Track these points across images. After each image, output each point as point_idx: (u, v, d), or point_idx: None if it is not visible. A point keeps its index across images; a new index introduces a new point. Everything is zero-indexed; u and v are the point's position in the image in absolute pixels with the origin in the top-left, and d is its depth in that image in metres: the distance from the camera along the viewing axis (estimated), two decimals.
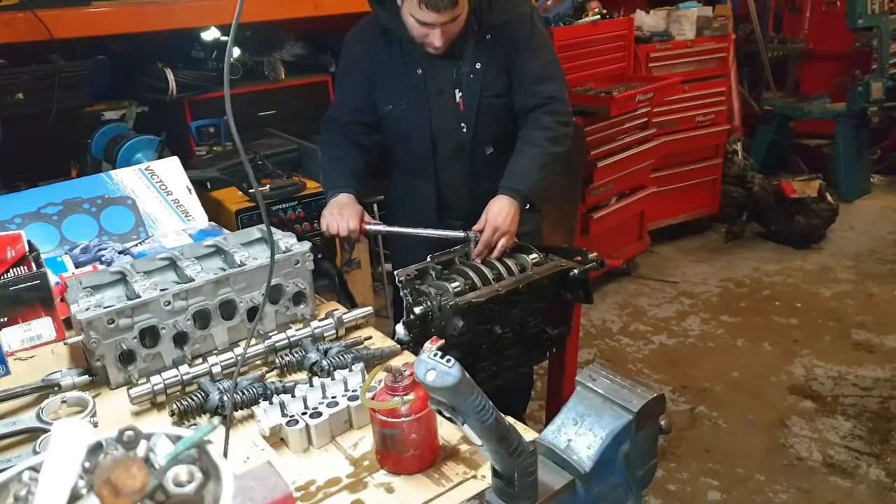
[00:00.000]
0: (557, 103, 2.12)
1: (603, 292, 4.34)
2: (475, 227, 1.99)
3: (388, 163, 2.37)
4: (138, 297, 1.50)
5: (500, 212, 1.97)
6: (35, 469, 0.66)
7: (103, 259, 1.96)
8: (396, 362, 1.56)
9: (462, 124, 2.14)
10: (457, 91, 2.11)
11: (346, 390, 1.38)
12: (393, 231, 2.20)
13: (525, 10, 2.17)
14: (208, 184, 2.75)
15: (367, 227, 2.08)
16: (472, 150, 2.18)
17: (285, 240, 1.74)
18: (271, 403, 1.33)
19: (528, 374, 2.50)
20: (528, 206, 2.05)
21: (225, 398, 1.35)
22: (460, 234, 2.01)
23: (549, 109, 2.11)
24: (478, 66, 2.08)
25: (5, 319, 1.64)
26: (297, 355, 1.55)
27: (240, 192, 2.66)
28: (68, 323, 1.66)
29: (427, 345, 1.27)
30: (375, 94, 2.17)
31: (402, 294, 1.85)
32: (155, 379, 1.41)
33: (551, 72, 2.16)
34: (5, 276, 1.62)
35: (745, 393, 3.33)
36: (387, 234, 2.15)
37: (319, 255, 2.10)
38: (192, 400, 1.37)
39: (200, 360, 1.49)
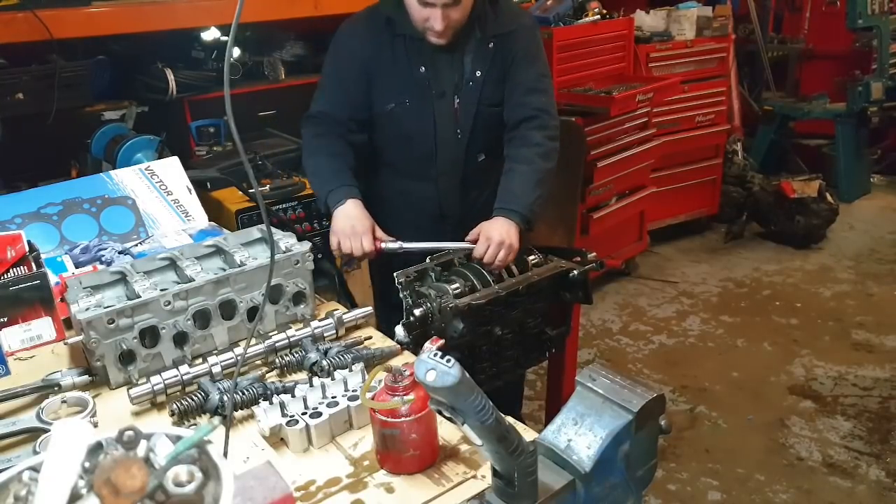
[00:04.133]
0: (546, 117, 2.10)
1: (603, 292, 4.34)
2: (468, 238, 1.97)
3: (377, 164, 2.27)
4: (138, 297, 1.50)
5: (493, 224, 1.95)
6: (35, 469, 0.66)
7: (103, 259, 1.95)
8: (396, 362, 1.56)
9: (458, 131, 2.11)
10: (455, 97, 2.09)
11: (346, 390, 1.38)
12: (407, 248, 2.01)
13: (528, 21, 2.18)
14: (208, 184, 2.74)
15: (383, 245, 1.98)
16: (466, 157, 2.15)
17: (285, 240, 1.74)
18: (271, 403, 1.33)
19: (520, 374, 2.48)
20: (527, 226, 2.01)
21: (225, 398, 1.35)
22: (468, 245, 1.98)
23: (538, 124, 2.08)
24: (478, 73, 2.06)
25: (5, 319, 1.63)
26: (297, 355, 1.55)
27: (240, 192, 2.65)
28: (68, 323, 1.66)
29: (427, 345, 1.27)
30: (374, 92, 2.09)
31: (402, 296, 1.84)
32: (155, 379, 1.41)
33: (544, 84, 2.15)
34: (5, 276, 1.62)
35: (745, 393, 3.33)
36: (401, 252, 2.00)
37: (319, 255, 2.10)
38: (192, 400, 1.37)
39: (200, 360, 1.49)
